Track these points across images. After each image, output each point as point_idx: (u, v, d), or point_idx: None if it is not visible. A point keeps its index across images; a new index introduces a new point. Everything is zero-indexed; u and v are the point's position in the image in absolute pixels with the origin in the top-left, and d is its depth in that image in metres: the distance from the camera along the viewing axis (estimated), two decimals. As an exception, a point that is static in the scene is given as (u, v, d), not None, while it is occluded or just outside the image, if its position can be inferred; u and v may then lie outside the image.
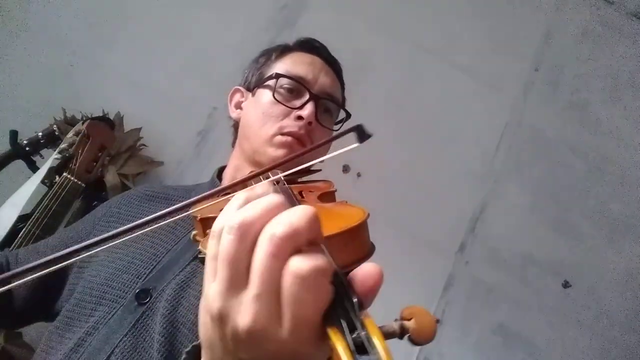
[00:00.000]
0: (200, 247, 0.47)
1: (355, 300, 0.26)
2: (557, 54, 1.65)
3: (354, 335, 0.24)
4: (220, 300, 0.28)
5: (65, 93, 1.34)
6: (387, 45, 1.53)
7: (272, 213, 0.28)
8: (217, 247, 0.29)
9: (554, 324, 1.41)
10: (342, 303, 0.26)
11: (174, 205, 0.74)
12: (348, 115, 0.89)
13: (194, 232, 0.54)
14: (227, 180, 0.83)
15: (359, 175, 1.43)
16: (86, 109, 1.25)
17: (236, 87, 0.90)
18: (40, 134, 1.15)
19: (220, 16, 1.50)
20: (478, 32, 1.62)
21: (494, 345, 1.34)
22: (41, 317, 0.75)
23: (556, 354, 1.40)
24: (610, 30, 1.69)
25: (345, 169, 1.44)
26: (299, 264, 0.26)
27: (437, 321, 0.25)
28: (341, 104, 0.88)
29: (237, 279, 0.28)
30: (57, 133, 1.16)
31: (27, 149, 1.14)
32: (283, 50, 0.86)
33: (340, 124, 0.89)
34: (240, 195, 0.31)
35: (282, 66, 0.82)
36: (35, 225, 0.98)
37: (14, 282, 0.37)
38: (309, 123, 0.75)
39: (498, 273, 1.43)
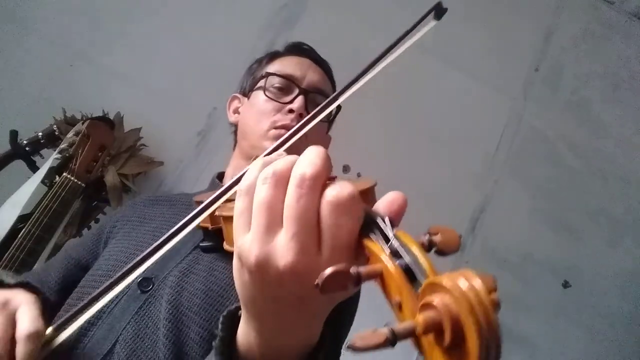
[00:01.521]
0: (202, 224, 0.54)
1: (385, 217, 0.29)
2: (557, 54, 1.65)
3: (389, 244, 0.27)
4: (258, 247, 0.30)
5: (65, 93, 1.34)
6: (387, 45, 1.53)
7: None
8: (246, 202, 0.32)
9: (554, 324, 1.41)
10: (374, 222, 0.30)
11: (177, 207, 0.77)
12: (338, 108, 0.92)
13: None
14: (227, 179, 0.86)
15: (359, 175, 1.43)
16: (86, 109, 1.25)
17: (233, 94, 0.95)
18: (40, 134, 1.15)
19: (220, 16, 1.49)
20: (478, 32, 1.62)
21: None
22: None
23: (556, 354, 1.39)
24: (610, 30, 1.69)
25: (345, 169, 1.44)
26: (334, 193, 0.29)
27: (460, 236, 0.28)
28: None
29: (274, 223, 0.30)
30: (57, 133, 1.16)
31: (27, 149, 1.13)
32: (273, 56, 0.92)
33: (332, 118, 0.93)
34: (257, 161, 0.34)
35: (272, 68, 0.87)
36: (35, 225, 0.98)
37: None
38: (300, 115, 0.80)
39: (498, 273, 1.43)
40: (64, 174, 1.06)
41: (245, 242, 0.31)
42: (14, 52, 1.37)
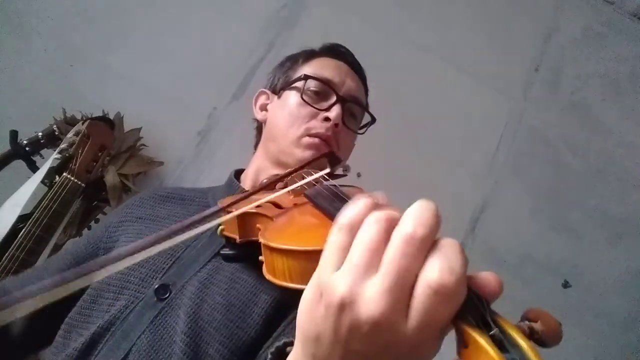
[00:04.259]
0: (226, 233, 0.55)
1: (484, 300, 0.27)
2: (557, 54, 1.65)
3: (491, 333, 0.25)
4: (349, 286, 0.28)
5: (65, 93, 1.34)
6: (387, 45, 1.53)
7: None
8: (347, 239, 0.30)
9: (554, 324, 1.41)
10: (473, 304, 0.27)
11: (192, 207, 0.74)
12: (373, 120, 0.90)
13: (221, 227, 0.55)
14: (247, 180, 0.84)
15: (359, 175, 1.43)
16: (86, 109, 1.25)
17: (261, 89, 0.91)
18: (40, 134, 1.15)
19: (220, 16, 1.49)
20: (478, 32, 1.61)
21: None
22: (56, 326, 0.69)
23: (556, 354, 1.39)
24: (610, 30, 1.69)
25: (345, 169, 1.43)
26: (437, 276, 0.26)
27: (560, 324, 0.28)
28: (366, 108, 0.90)
29: (371, 267, 0.28)
30: (57, 133, 1.16)
31: (27, 149, 1.13)
32: (309, 55, 0.87)
33: (365, 128, 0.91)
34: (363, 198, 0.32)
35: (309, 69, 0.83)
36: (35, 225, 0.98)
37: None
38: (336, 125, 0.77)
39: (498, 273, 1.43)
40: (64, 174, 1.06)
41: (335, 278, 0.29)
42: (13, 52, 1.37)
